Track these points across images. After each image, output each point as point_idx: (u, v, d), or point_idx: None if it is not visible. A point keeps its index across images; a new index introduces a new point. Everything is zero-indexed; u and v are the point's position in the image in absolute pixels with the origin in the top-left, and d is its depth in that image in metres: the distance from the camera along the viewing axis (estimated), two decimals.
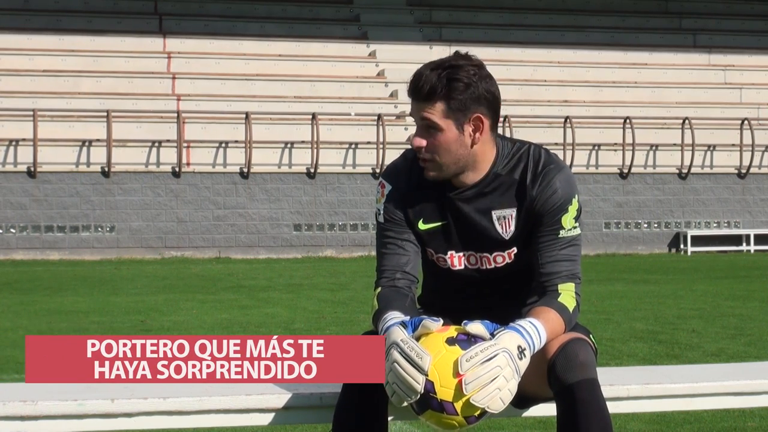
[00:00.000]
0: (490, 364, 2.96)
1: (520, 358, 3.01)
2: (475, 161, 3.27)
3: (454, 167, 3.25)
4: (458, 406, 2.97)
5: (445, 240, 3.36)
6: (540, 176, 3.28)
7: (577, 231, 3.31)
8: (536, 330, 3.10)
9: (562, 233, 3.28)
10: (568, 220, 3.29)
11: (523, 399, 3.26)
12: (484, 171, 3.29)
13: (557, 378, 3.09)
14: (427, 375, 2.97)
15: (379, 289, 3.33)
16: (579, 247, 3.32)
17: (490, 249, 3.34)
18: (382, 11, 27.25)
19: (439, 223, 3.35)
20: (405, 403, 3.02)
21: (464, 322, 3.06)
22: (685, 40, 28.52)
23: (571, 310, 3.25)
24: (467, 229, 3.34)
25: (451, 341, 3.04)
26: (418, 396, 2.99)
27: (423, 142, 3.22)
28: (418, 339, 3.05)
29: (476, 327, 3.04)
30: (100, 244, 20.95)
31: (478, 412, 2.99)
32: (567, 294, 3.26)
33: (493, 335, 3.04)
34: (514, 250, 3.34)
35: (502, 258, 3.36)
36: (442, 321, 3.08)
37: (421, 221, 3.36)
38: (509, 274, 3.38)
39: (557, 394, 3.10)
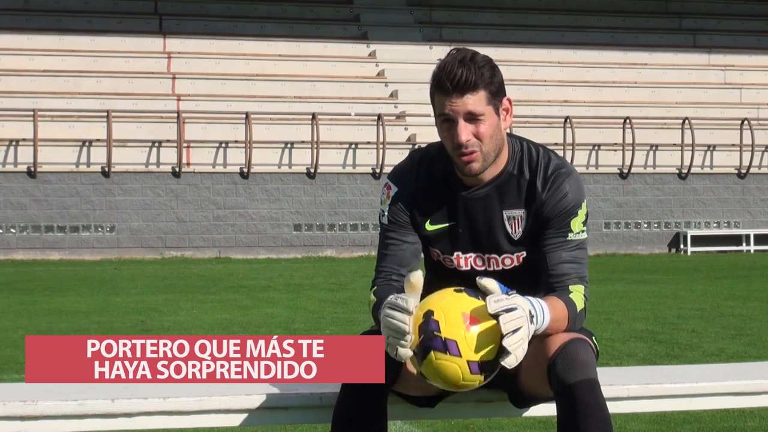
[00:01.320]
0: (517, 312, 2.99)
1: (531, 322, 3.04)
2: (499, 152, 3.29)
3: (493, 155, 3.27)
4: (462, 347, 2.97)
5: (452, 241, 3.37)
6: (550, 180, 3.30)
7: (585, 235, 3.34)
8: (542, 307, 3.14)
9: (571, 236, 3.30)
10: (577, 223, 3.31)
11: (523, 398, 3.26)
12: (500, 167, 3.32)
13: (557, 377, 3.10)
14: (411, 313, 2.99)
15: (375, 287, 3.35)
16: (586, 251, 3.35)
17: (498, 251, 3.36)
18: (382, 11, 27.24)
19: (447, 225, 3.36)
20: (408, 355, 3.02)
21: (478, 276, 3.09)
22: (685, 40, 28.51)
23: (578, 309, 3.26)
24: (477, 230, 3.34)
25: (458, 290, 3.09)
26: (408, 336, 2.99)
27: (470, 135, 3.22)
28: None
29: (489, 282, 3.07)
30: (100, 244, 20.95)
31: (483, 359, 2.99)
32: (577, 294, 3.28)
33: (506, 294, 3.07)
34: (523, 253, 3.35)
35: (510, 260, 3.37)
36: (420, 271, 3.12)
37: (428, 222, 3.36)
38: (515, 277, 3.38)
39: (557, 393, 3.11)
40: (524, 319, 3.00)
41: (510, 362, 2.99)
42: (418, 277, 3.08)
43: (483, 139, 3.22)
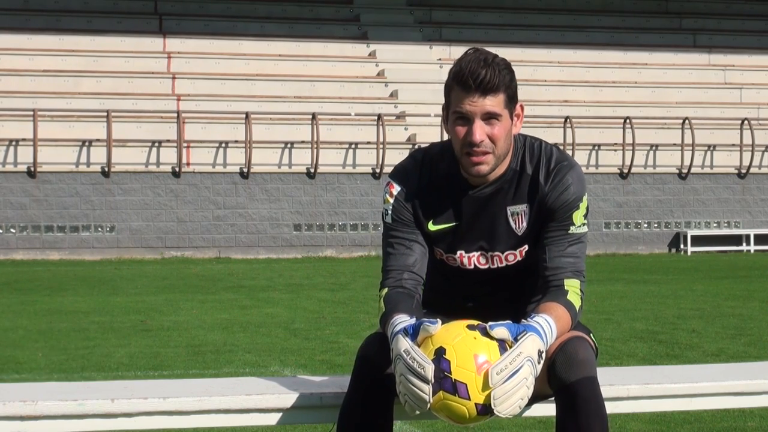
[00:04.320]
0: (517, 377, 2.97)
1: (539, 362, 3.04)
2: (508, 153, 3.29)
3: (502, 158, 3.27)
4: (472, 390, 2.97)
5: (455, 240, 3.36)
6: (553, 173, 3.30)
7: (585, 229, 3.34)
8: (550, 328, 3.12)
9: (572, 229, 3.31)
10: (578, 217, 3.31)
11: None
12: (505, 166, 3.31)
13: (557, 376, 3.10)
14: (430, 382, 2.97)
15: (385, 290, 3.33)
16: (585, 246, 3.35)
17: (502, 248, 3.35)
18: (382, 11, 27.23)
19: (452, 224, 3.35)
20: (417, 412, 3.03)
21: (489, 325, 3.05)
22: (685, 40, 28.51)
23: (577, 308, 3.27)
24: (481, 228, 3.34)
25: (471, 327, 3.06)
26: (428, 406, 2.99)
27: (485, 136, 3.21)
28: (421, 344, 3.05)
29: (501, 332, 3.03)
30: (100, 244, 20.94)
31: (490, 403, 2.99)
32: (573, 291, 3.28)
33: (516, 340, 3.03)
34: (526, 247, 3.35)
35: (514, 256, 3.36)
36: (440, 322, 3.08)
37: (431, 222, 3.35)
38: (519, 273, 3.39)
39: (557, 392, 3.11)
40: (527, 377, 2.98)
41: (512, 415, 3.02)
42: (436, 329, 3.06)
43: (497, 141, 3.22)
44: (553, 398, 3.19)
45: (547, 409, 3.34)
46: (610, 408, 3.32)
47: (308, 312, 11.55)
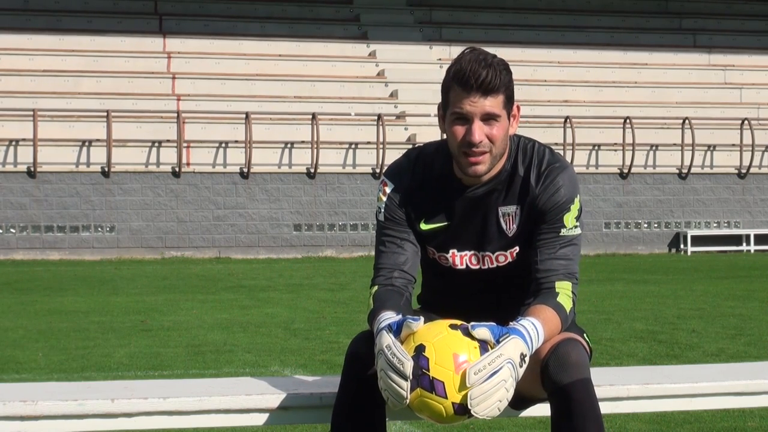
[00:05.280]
0: (495, 378, 2.96)
1: (521, 366, 3.02)
2: (504, 153, 3.29)
3: (499, 158, 3.27)
4: (449, 389, 2.96)
5: (447, 239, 3.36)
6: (544, 174, 3.29)
7: (578, 231, 3.32)
8: (537, 331, 3.11)
9: (564, 231, 3.29)
10: (569, 219, 3.29)
11: (519, 400, 3.25)
12: (499, 166, 3.30)
13: (550, 379, 3.10)
14: (409, 378, 2.97)
15: (375, 287, 3.33)
16: (578, 248, 3.32)
17: (493, 248, 3.35)
18: (382, 11, 27.23)
19: (444, 224, 3.34)
20: (399, 407, 3.03)
21: (471, 325, 3.04)
22: (685, 40, 28.51)
23: (568, 311, 3.25)
24: (473, 228, 3.33)
25: (454, 327, 3.05)
26: (406, 402, 2.99)
27: (483, 136, 3.21)
28: (404, 341, 3.05)
29: (483, 332, 3.02)
30: (100, 244, 20.94)
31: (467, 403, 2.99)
32: (564, 293, 3.26)
33: (498, 341, 3.02)
34: (517, 249, 3.34)
35: (504, 257, 3.36)
36: (422, 319, 3.08)
37: (423, 221, 3.35)
38: (511, 274, 3.38)
39: (551, 395, 3.11)
40: (506, 379, 2.96)
41: (490, 417, 3.00)
42: (419, 326, 3.05)
43: (495, 142, 3.22)
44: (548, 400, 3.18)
45: (547, 410, 3.34)
46: (611, 408, 3.32)
47: (308, 312, 11.55)
